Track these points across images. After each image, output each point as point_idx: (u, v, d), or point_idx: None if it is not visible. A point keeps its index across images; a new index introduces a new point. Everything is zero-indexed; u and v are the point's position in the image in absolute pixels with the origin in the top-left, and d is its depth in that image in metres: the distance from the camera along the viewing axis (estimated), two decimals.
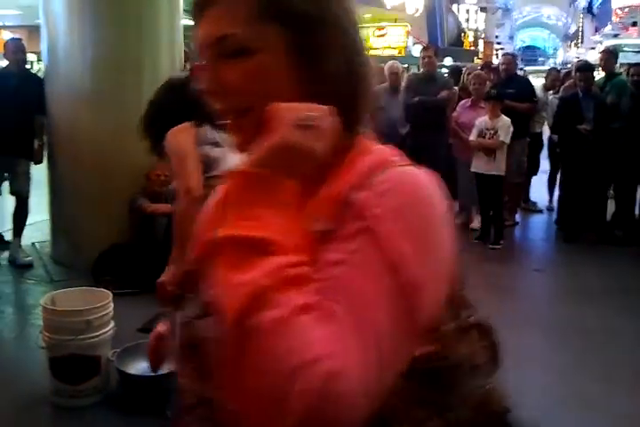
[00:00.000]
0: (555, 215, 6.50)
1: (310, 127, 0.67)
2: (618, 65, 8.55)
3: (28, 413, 2.73)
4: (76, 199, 4.64)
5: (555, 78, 7.43)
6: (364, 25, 21.34)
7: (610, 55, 6.45)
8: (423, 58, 6.33)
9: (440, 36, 26.18)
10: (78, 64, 4.53)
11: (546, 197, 7.27)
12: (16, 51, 4.84)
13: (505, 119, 5.58)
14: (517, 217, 6.68)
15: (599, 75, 7.45)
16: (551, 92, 7.20)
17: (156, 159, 4.59)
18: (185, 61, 5.47)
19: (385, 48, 20.80)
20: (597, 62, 7.09)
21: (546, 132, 6.93)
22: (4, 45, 5.00)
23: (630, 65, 6.30)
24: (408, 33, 21.56)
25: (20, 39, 5.09)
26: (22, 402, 2.80)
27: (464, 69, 6.84)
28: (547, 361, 3.43)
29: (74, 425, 2.65)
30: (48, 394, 2.79)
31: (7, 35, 16.44)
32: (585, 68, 6.03)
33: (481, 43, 33.14)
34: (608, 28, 29.79)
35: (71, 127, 4.60)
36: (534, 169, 7.01)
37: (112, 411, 2.72)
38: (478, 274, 4.95)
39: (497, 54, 31.53)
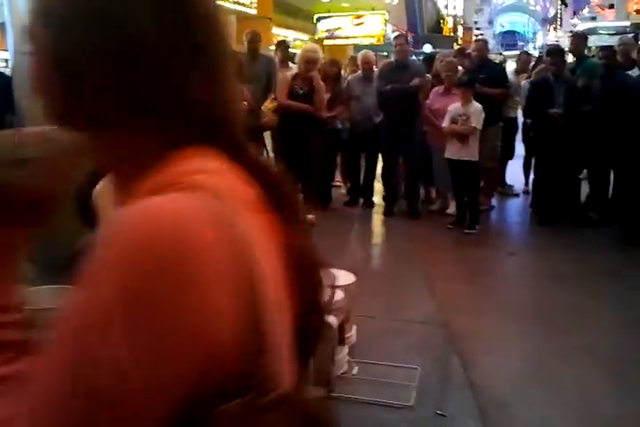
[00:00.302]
0: (530, 199, 6.56)
1: (22, 162, 0.58)
2: (594, 48, 8.59)
3: None
4: None
5: (525, 62, 7.48)
6: (341, 14, 21.29)
7: (579, 39, 6.49)
8: (395, 46, 6.36)
9: (419, 22, 26.14)
10: None
11: (522, 180, 7.34)
12: None
13: (476, 105, 5.61)
14: (493, 201, 6.73)
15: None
16: (525, 75, 7.24)
17: None
18: None
19: (364, 36, 20.75)
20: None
21: (520, 116, 6.98)
22: None
23: (601, 48, 6.34)
24: (386, 21, 21.48)
25: None
26: None
27: (437, 56, 6.87)
28: (518, 345, 3.47)
29: None
30: None
31: None
32: (555, 52, 6.08)
33: (460, 29, 33.14)
34: (585, 11, 29.87)
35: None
36: (510, 153, 7.06)
37: None
38: (453, 259, 5.02)
39: (476, 40, 31.52)
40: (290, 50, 7.71)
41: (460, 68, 6.39)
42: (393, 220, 6.23)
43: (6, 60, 8.08)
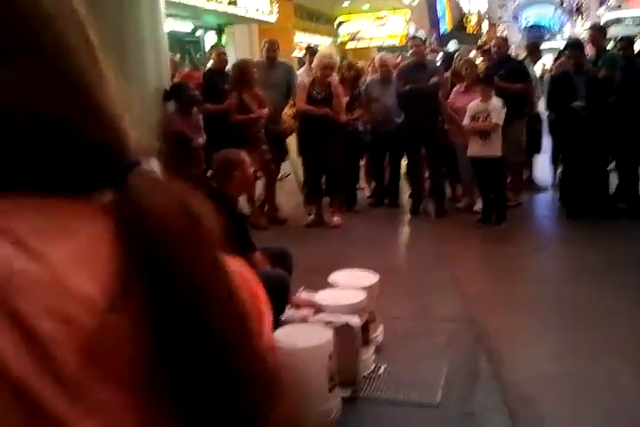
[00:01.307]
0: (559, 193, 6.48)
1: None
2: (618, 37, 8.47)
3: None
4: None
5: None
6: (363, 16, 21.28)
7: (597, 31, 6.44)
8: (410, 47, 6.39)
9: (442, 20, 25.99)
10: None
11: (550, 174, 7.26)
12: None
13: (496, 101, 5.58)
14: (521, 197, 6.66)
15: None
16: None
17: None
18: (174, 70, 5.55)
19: (386, 37, 20.70)
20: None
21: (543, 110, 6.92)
22: None
23: (619, 39, 6.28)
24: (408, 20, 21.41)
25: None
26: None
27: (456, 55, 6.86)
28: (547, 341, 3.44)
29: None
30: None
31: None
32: (574, 45, 6.02)
33: (485, 25, 32.82)
34: (612, 0, 29.30)
35: None
36: (537, 148, 7.00)
37: None
38: (481, 256, 5.00)
39: (502, 36, 31.17)
40: None
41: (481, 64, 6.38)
42: (419, 219, 6.23)
43: None
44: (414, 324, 3.64)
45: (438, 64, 7.14)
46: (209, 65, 6.55)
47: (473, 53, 7.78)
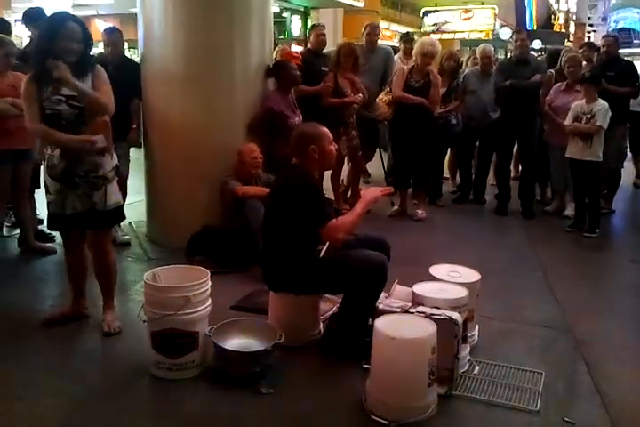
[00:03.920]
0: None
1: None
2: None
3: (130, 383, 2.84)
4: (170, 181, 4.78)
5: None
6: (450, 8, 20.88)
7: None
8: (516, 41, 6.15)
9: (529, 18, 25.30)
10: (172, 49, 4.65)
11: None
12: (112, 42, 5.02)
13: (602, 103, 5.34)
14: (614, 205, 6.40)
15: None
16: None
17: (247, 142, 4.70)
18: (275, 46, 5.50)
19: (471, 31, 20.31)
20: None
21: None
22: (102, 35, 5.17)
23: None
24: (495, 15, 20.93)
25: (117, 30, 5.24)
26: (124, 373, 2.92)
27: (562, 52, 6.59)
28: (632, 352, 3.28)
29: (172, 397, 2.73)
30: (148, 366, 2.90)
31: (100, 23, 17.10)
32: None
33: (572, 25, 31.80)
34: None
35: (165, 111, 4.73)
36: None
37: (209, 385, 2.79)
38: (572, 262, 4.81)
39: (589, 37, 30.16)
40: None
41: (584, 63, 6.12)
42: (506, 219, 6.05)
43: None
44: (509, 325, 3.52)
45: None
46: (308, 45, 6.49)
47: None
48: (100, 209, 3.24)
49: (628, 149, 6.84)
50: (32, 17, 4.98)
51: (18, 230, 4.92)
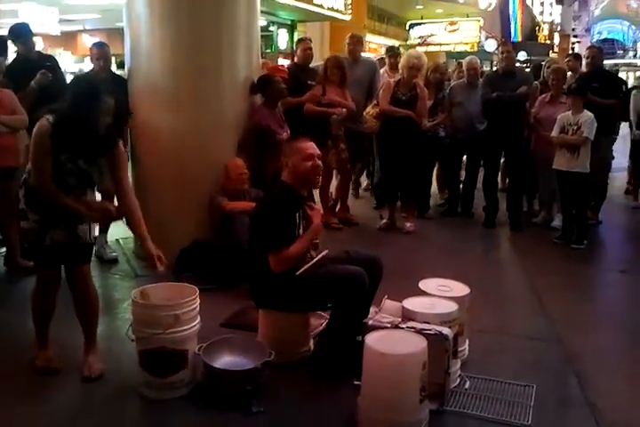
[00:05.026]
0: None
1: None
2: None
3: (118, 403, 2.81)
4: (158, 197, 4.74)
5: None
6: (435, 20, 21.06)
7: None
8: (502, 53, 6.20)
9: (514, 29, 25.55)
10: (159, 65, 4.64)
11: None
12: (103, 56, 5.03)
13: (588, 114, 5.38)
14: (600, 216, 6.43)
15: None
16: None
17: (235, 157, 4.69)
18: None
19: (457, 43, 20.48)
20: None
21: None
22: (90, 50, 5.17)
23: None
24: (481, 28, 21.13)
25: (105, 44, 5.24)
26: (112, 393, 2.89)
27: (544, 63, 6.66)
28: (623, 364, 3.30)
29: (161, 417, 2.70)
30: (137, 386, 2.87)
31: (87, 37, 17.08)
32: None
33: (556, 36, 32.11)
34: None
35: (153, 126, 4.71)
36: None
37: (198, 404, 2.76)
38: (560, 274, 4.82)
39: (573, 48, 30.46)
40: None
41: (569, 73, 6.17)
42: (494, 231, 6.07)
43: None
44: (498, 339, 3.51)
45: None
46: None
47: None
48: (85, 242, 3.00)
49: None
50: (18, 33, 4.97)
51: (4, 249, 4.87)
